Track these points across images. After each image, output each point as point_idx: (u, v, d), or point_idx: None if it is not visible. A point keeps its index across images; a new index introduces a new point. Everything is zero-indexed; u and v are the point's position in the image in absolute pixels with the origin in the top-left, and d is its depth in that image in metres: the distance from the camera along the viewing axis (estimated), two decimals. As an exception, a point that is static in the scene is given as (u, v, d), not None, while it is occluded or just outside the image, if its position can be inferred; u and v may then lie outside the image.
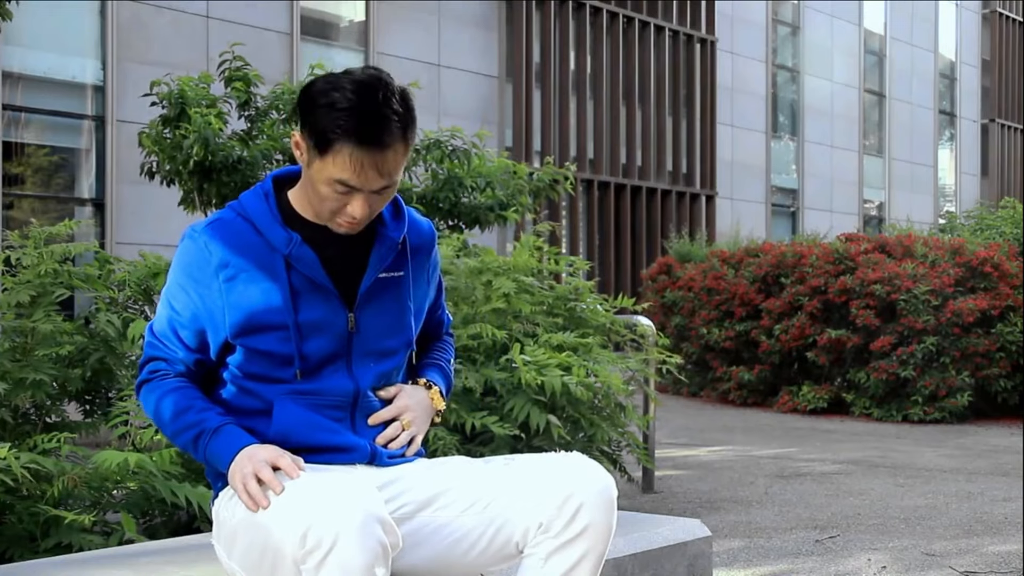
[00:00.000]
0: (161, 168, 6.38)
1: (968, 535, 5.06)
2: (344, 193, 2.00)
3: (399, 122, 1.98)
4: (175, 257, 2.11)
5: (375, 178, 1.99)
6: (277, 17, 14.73)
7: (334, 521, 1.74)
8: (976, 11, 29.99)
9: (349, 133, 1.95)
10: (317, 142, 1.98)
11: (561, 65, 18.87)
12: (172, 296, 2.10)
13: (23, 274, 4.05)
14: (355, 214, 2.02)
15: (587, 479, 1.98)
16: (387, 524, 1.79)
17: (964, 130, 29.61)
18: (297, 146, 2.05)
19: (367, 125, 1.96)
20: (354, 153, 1.96)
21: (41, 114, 12.71)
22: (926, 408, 9.87)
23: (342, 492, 1.79)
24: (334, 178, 1.98)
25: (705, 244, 15.09)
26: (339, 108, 1.96)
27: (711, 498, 6.03)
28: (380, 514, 1.78)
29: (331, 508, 1.76)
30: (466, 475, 2.06)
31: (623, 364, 5.33)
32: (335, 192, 2.00)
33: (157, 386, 2.10)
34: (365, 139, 1.96)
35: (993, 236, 11.89)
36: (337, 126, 1.95)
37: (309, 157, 2.01)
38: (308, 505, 1.78)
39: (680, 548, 2.98)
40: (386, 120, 1.97)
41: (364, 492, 1.80)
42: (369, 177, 1.99)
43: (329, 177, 1.99)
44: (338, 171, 1.98)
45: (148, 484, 3.39)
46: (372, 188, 2.01)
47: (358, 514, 1.75)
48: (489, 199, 6.74)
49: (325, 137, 1.97)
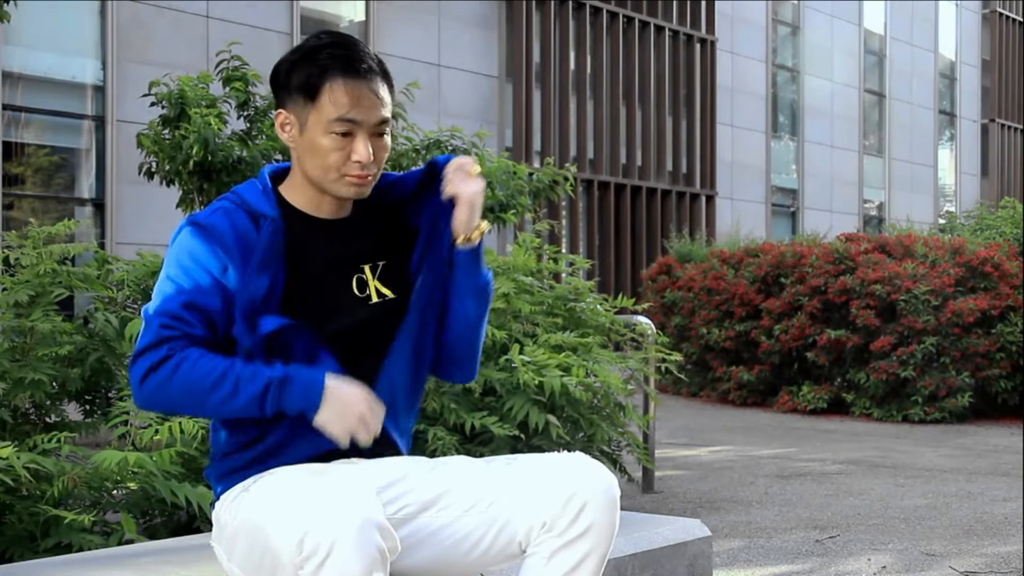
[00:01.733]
0: (160, 168, 6.38)
1: (968, 535, 5.06)
2: (345, 135, 2.00)
3: (374, 59, 2.05)
4: (177, 245, 2.03)
5: (371, 107, 2.01)
6: (277, 17, 14.72)
7: (331, 527, 1.73)
8: (976, 11, 29.98)
9: (335, 65, 2.00)
10: (306, 92, 2.01)
11: (561, 65, 18.87)
12: (179, 277, 2.00)
13: (22, 274, 4.05)
14: (359, 156, 2.01)
15: (591, 479, 1.98)
16: (385, 529, 1.78)
17: (964, 130, 29.61)
18: (283, 126, 2.06)
19: (349, 54, 2.01)
20: (345, 83, 1.99)
21: (41, 114, 12.70)
22: (926, 408, 9.87)
23: (340, 497, 1.77)
24: (332, 117, 2.00)
25: (705, 244, 15.09)
26: (315, 49, 2.01)
27: (711, 498, 6.03)
28: (378, 519, 1.77)
29: (329, 513, 1.75)
30: (468, 475, 2.05)
31: (623, 364, 5.33)
32: (336, 139, 2.00)
33: (182, 357, 1.94)
34: (351, 68, 2.00)
35: (993, 236, 11.88)
36: (320, 65, 2.00)
37: (300, 119, 2.03)
38: (306, 510, 1.77)
39: (680, 548, 2.98)
40: (363, 51, 2.03)
41: (362, 497, 1.79)
42: (364, 105, 2.01)
43: (327, 120, 2.00)
44: (335, 108, 2.00)
45: (148, 484, 3.39)
46: (371, 120, 2.02)
47: (355, 520, 1.74)
48: (489, 199, 6.74)
49: (311, 82, 2.00)
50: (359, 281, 2.11)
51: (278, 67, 2.07)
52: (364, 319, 2.10)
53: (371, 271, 2.12)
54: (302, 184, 2.10)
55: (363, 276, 2.11)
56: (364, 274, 2.12)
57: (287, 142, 2.06)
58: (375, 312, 2.11)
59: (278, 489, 1.90)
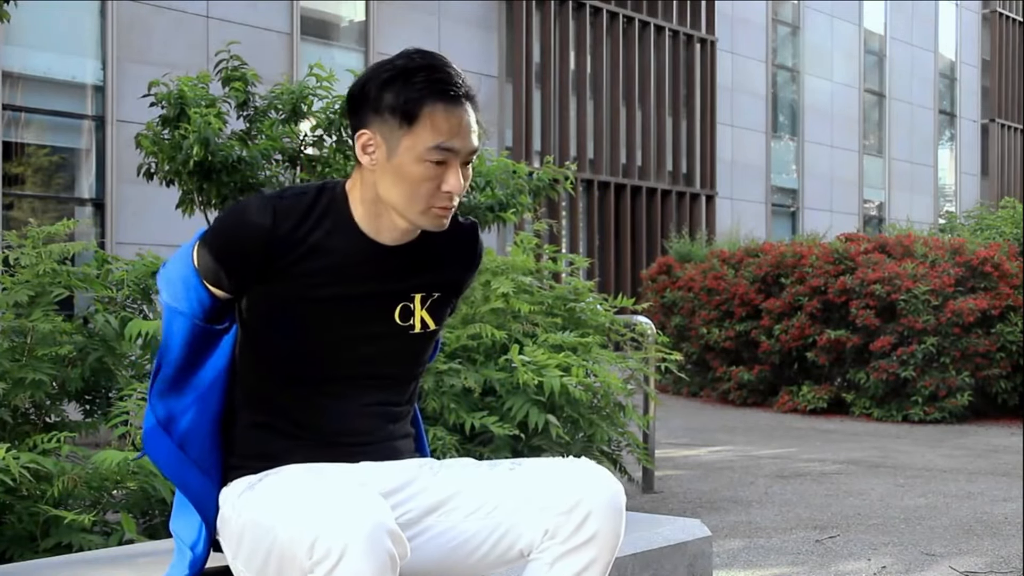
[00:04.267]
0: (160, 169, 6.37)
1: (968, 535, 5.06)
2: (439, 164, 1.91)
3: (467, 83, 1.95)
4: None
5: (467, 135, 1.93)
6: (277, 17, 14.72)
7: (343, 532, 1.72)
8: (976, 11, 29.97)
9: (434, 92, 1.90)
10: (403, 115, 1.89)
11: (561, 65, 18.86)
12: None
13: (21, 274, 4.05)
14: (451, 187, 1.93)
15: (596, 486, 1.96)
16: (395, 534, 1.77)
17: (964, 130, 29.60)
18: (365, 147, 1.94)
19: (447, 77, 1.92)
20: (446, 109, 1.90)
21: (41, 114, 12.70)
22: (926, 408, 9.87)
23: (350, 502, 1.76)
24: (429, 145, 1.90)
25: (705, 244, 15.09)
26: (411, 71, 1.91)
27: (711, 498, 6.03)
28: (389, 524, 1.76)
29: (340, 519, 1.74)
30: (472, 479, 2.04)
31: (623, 364, 5.33)
32: (431, 167, 1.91)
33: None
34: (450, 93, 1.91)
35: (993, 236, 11.88)
36: (419, 88, 1.90)
37: (390, 143, 1.92)
38: (316, 515, 1.76)
39: (680, 548, 2.97)
40: (458, 75, 1.93)
41: (373, 502, 1.78)
42: (463, 134, 1.92)
43: (424, 148, 1.90)
44: (434, 136, 1.89)
45: (148, 484, 3.39)
46: (467, 149, 1.94)
47: (366, 525, 1.73)
48: (489, 199, 6.74)
49: (409, 106, 1.89)
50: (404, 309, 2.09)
51: (365, 84, 1.95)
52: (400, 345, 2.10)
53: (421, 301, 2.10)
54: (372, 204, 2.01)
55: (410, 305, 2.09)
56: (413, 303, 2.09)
57: (367, 164, 1.96)
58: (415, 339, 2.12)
59: (286, 491, 1.88)
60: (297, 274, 1.98)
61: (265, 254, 1.95)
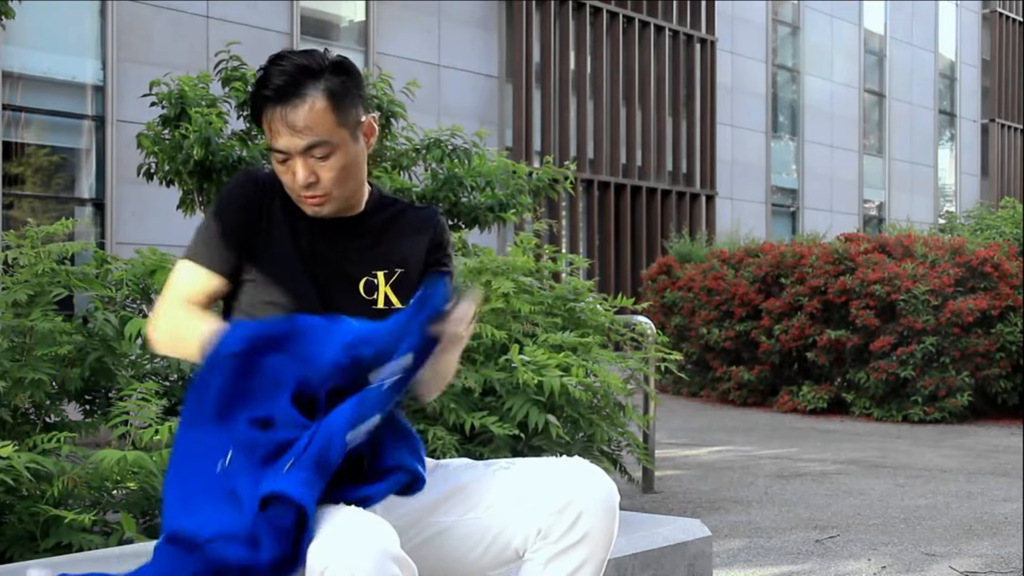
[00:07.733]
0: (160, 169, 6.38)
1: (968, 535, 5.06)
2: (283, 162, 2.00)
3: (305, 74, 1.97)
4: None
5: (290, 135, 1.97)
6: (277, 17, 14.72)
7: (349, 560, 1.72)
8: (976, 11, 29.97)
9: (260, 97, 1.98)
10: (256, 123, 2.02)
11: (561, 65, 18.87)
12: None
13: (20, 273, 4.05)
14: (295, 182, 2.00)
15: (588, 486, 1.97)
16: (402, 560, 1.77)
17: (964, 130, 29.60)
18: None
19: (270, 80, 1.97)
20: (274, 111, 1.97)
21: (41, 114, 12.70)
22: (926, 408, 9.87)
23: (358, 530, 1.77)
24: (272, 148, 2.00)
25: (705, 244, 15.09)
26: (257, 80, 2.00)
27: (711, 498, 6.02)
28: (395, 551, 1.77)
29: (347, 547, 1.74)
30: (467, 479, 2.05)
31: (623, 364, 5.32)
32: (280, 166, 2.02)
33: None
34: (274, 96, 1.96)
35: (993, 236, 11.88)
36: (254, 96, 2.00)
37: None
38: (324, 543, 1.76)
39: (680, 548, 2.98)
40: (285, 73, 1.97)
41: (379, 529, 1.79)
42: (285, 133, 1.97)
43: (272, 149, 2.02)
44: (270, 138, 2.00)
45: (148, 484, 3.39)
46: (294, 148, 1.98)
47: (373, 552, 1.73)
48: (489, 199, 6.74)
49: (255, 114, 2.01)
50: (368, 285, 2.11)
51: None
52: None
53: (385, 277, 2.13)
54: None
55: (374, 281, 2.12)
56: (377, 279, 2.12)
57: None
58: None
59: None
60: (267, 245, 2.06)
61: (258, 206, 2.06)
